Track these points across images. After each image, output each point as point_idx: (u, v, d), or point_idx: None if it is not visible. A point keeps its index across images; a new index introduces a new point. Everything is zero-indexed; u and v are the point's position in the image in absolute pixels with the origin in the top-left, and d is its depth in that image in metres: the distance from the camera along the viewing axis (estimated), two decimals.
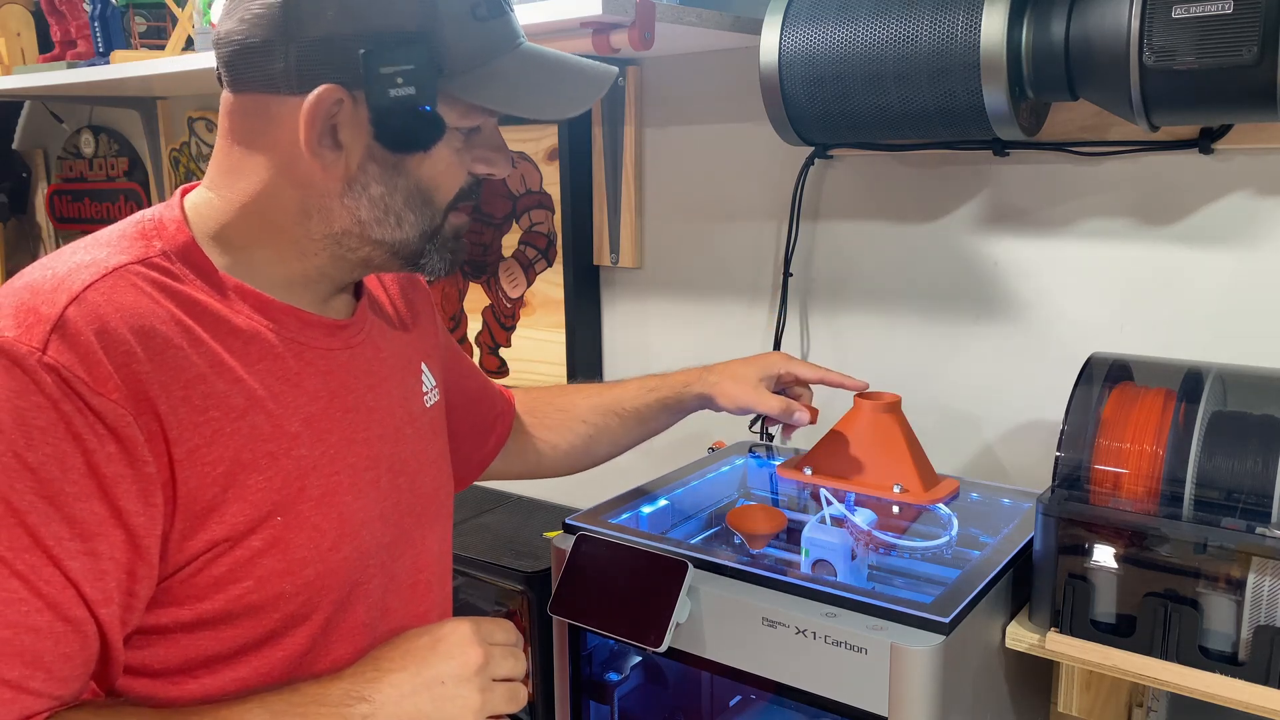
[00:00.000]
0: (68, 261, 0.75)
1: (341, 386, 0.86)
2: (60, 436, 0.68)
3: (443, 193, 0.84)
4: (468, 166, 0.84)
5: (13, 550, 0.67)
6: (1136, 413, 1.02)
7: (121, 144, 2.53)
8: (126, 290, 0.74)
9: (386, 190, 0.81)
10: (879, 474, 1.20)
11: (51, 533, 0.68)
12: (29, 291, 0.72)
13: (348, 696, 0.77)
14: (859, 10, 1.19)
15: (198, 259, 0.80)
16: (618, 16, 1.23)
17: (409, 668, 0.80)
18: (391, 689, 0.78)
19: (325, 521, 0.82)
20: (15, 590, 0.67)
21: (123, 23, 2.04)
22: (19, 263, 2.87)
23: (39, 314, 0.70)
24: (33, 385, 0.68)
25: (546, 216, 1.75)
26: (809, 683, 0.97)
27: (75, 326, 0.70)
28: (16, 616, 0.67)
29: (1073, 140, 1.27)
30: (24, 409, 0.68)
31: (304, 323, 0.84)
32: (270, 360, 0.81)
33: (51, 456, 0.68)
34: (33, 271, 0.75)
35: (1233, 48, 0.97)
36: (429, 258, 0.86)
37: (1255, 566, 0.91)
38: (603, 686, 1.19)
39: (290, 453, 0.80)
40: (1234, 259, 1.22)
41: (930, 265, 1.43)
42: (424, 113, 0.77)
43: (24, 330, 0.69)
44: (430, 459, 0.97)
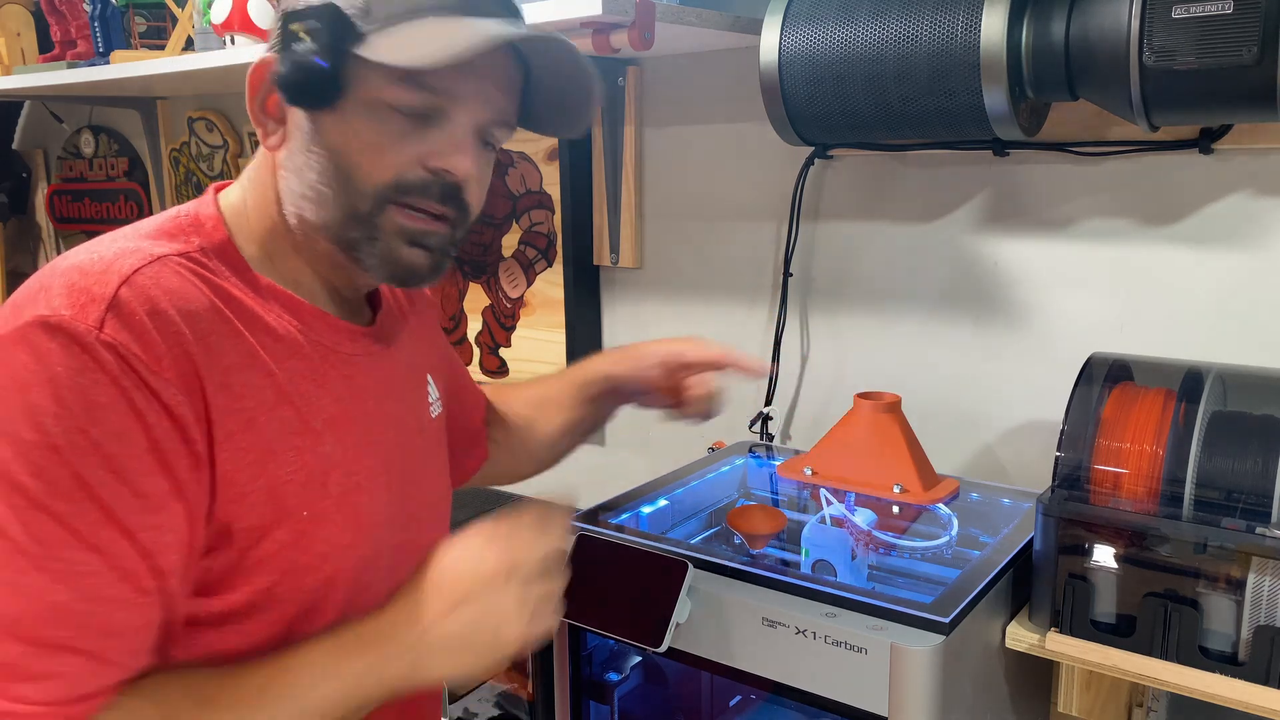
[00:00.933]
0: (111, 248, 0.76)
1: (361, 391, 0.87)
2: (123, 412, 0.69)
3: (366, 173, 0.79)
4: (418, 156, 0.80)
5: (87, 524, 0.68)
6: (1136, 413, 1.02)
7: (121, 144, 2.53)
8: (172, 276, 0.75)
9: (305, 159, 0.80)
10: (879, 474, 1.20)
11: (123, 506, 0.69)
12: (78, 273, 0.72)
13: (396, 625, 0.80)
14: (859, 10, 1.19)
15: (233, 257, 0.81)
16: (618, 16, 1.23)
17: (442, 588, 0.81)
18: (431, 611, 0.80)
19: (345, 519, 0.83)
20: (91, 564, 0.68)
21: (123, 23, 2.04)
22: (19, 263, 2.87)
23: (92, 294, 0.71)
24: (93, 363, 0.69)
25: (546, 216, 1.75)
26: (809, 683, 0.97)
27: (129, 306, 0.71)
28: (94, 589, 0.69)
29: (1073, 140, 1.27)
30: (86, 386, 0.68)
31: (330, 326, 0.85)
32: (298, 359, 0.81)
33: (116, 432, 0.69)
34: (76, 255, 0.75)
35: (1233, 48, 0.97)
36: (362, 252, 0.81)
37: (1255, 566, 0.91)
38: (603, 686, 1.19)
39: (315, 449, 0.81)
40: (1234, 259, 1.22)
41: (930, 265, 1.43)
42: (318, 65, 0.76)
43: (79, 310, 0.70)
44: (434, 469, 0.98)
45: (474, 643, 0.80)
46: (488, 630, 0.80)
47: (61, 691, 0.68)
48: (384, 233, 0.81)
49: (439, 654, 0.80)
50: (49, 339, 0.69)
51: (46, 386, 0.68)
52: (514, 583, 0.81)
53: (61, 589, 0.68)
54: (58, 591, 0.68)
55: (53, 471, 0.67)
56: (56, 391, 0.68)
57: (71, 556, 0.68)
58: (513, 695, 1.56)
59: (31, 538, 0.67)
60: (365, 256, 0.82)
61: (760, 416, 1.54)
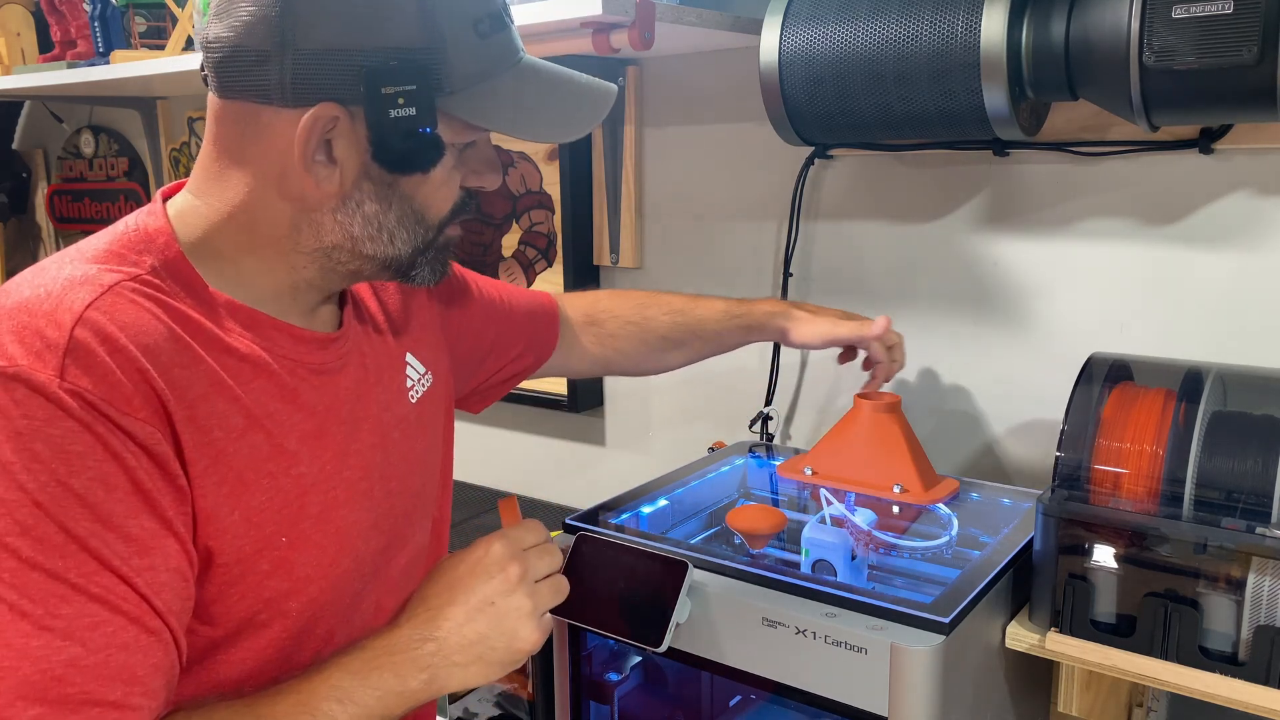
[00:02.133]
0: (57, 278, 0.72)
1: (334, 400, 0.85)
2: (100, 458, 0.67)
3: (436, 210, 0.83)
4: (459, 181, 0.84)
5: (83, 575, 0.66)
6: (1136, 413, 1.02)
7: (121, 144, 2.53)
8: (127, 306, 0.72)
9: (381, 208, 0.80)
10: (879, 474, 1.20)
11: (115, 553, 0.67)
12: (26, 314, 0.69)
13: (412, 640, 0.80)
14: (859, 10, 1.19)
15: (187, 275, 0.77)
16: (618, 16, 1.23)
17: (457, 599, 0.82)
18: (448, 621, 0.81)
19: (325, 539, 0.82)
20: (96, 613, 0.67)
21: (123, 23, 2.04)
22: (19, 263, 2.86)
23: (46, 339, 0.68)
24: (61, 412, 0.66)
25: (546, 216, 1.75)
26: (809, 683, 0.97)
27: (87, 347, 0.68)
28: (104, 638, 0.67)
29: (1073, 140, 1.27)
30: (57, 436, 0.66)
31: (295, 339, 0.83)
32: (264, 378, 0.79)
33: (95, 479, 0.67)
34: (20, 290, 0.71)
35: (1233, 48, 0.97)
36: (419, 270, 0.85)
37: (1255, 566, 0.91)
38: (603, 686, 1.19)
39: (289, 471, 0.80)
40: (1234, 259, 1.22)
41: (930, 265, 1.43)
42: (424, 135, 0.76)
43: (35, 357, 0.67)
44: (418, 455, 0.96)
45: (490, 650, 0.82)
46: (503, 637, 0.82)
47: None
48: (441, 250, 0.86)
49: (457, 664, 0.80)
50: (12, 392, 0.66)
51: (16, 441, 0.66)
52: (523, 588, 0.84)
53: (72, 644, 0.66)
54: (68, 648, 0.65)
55: (40, 528, 0.65)
56: (28, 446, 0.66)
57: (75, 611, 0.66)
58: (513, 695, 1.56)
59: (30, 599, 0.65)
60: (419, 273, 0.85)
61: (760, 416, 1.54)
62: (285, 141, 0.76)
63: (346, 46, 0.73)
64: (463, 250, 1.88)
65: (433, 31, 0.75)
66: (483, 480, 1.94)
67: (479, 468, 1.93)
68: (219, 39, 0.75)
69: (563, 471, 1.88)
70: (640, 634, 1.03)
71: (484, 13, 0.77)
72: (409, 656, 0.79)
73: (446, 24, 0.75)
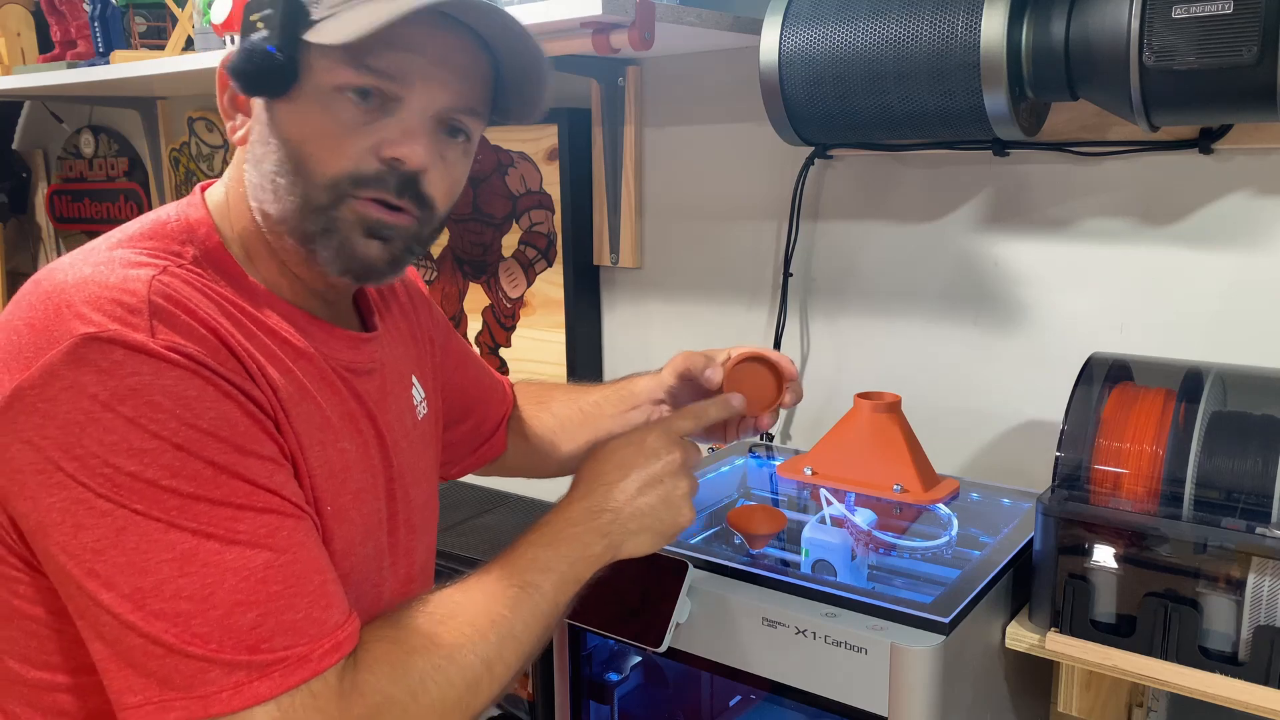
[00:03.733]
0: (112, 258, 0.74)
1: (360, 397, 0.87)
2: (214, 399, 0.70)
3: (320, 162, 0.77)
4: (373, 146, 0.77)
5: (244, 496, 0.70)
6: (1136, 413, 1.02)
7: (121, 144, 2.53)
8: (181, 285, 0.74)
9: (263, 151, 0.80)
10: (879, 474, 1.20)
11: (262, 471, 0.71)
12: (95, 286, 0.70)
13: (591, 512, 0.88)
14: (859, 10, 1.19)
15: (227, 264, 0.80)
16: (618, 16, 1.23)
17: (630, 474, 0.90)
18: (621, 494, 0.89)
19: (360, 517, 0.84)
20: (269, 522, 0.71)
21: (123, 23, 2.04)
22: (19, 263, 2.86)
23: (126, 305, 0.69)
24: (165, 364, 0.68)
25: (546, 216, 1.75)
26: (809, 683, 0.97)
27: (168, 310, 0.71)
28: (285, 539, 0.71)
29: (1073, 140, 1.27)
30: (169, 386, 0.68)
31: (330, 335, 0.85)
32: (307, 361, 0.81)
33: (218, 416, 0.70)
34: (77, 268, 0.72)
35: (1233, 48, 0.97)
36: (318, 245, 0.79)
37: (1255, 566, 0.91)
38: (603, 686, 1.19)
39: (336, 444, 0.82)
40: (1234, 259, 1.22)
41: (930, 265, 1.43)
42: (269, 53, 0.76)
43: (123, 322, 0.69)
44: (422, 472, 0.97)
45: (659, 521, 0.90)
46: (671, 510, 0.90)
47: (313, 629, 0.70)
48: (342, 223, 0.79)
49: (631, 531, 0.88)
50: (109, 354, 0.67)
51: (135, 396, 0.67)
52: (684, 471, 0.92)
53: (261, 550, 0.69)
54: (259, 554, 0.69)
55: (190, 467, 0.68)
56: (147, 399, 0.67)
57: (251, 524, 0.69)
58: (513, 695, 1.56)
59: (207, 524, 0.68)
60: (321, 249, 0.79)
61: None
62: None
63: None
64: (463, 250, 1.88)
65: None
66: (483, 480, 1.93)
67: None
68: None
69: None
70: (640, 634, 1.03)
71: None
72: (590, 526, 0.87)
73: None
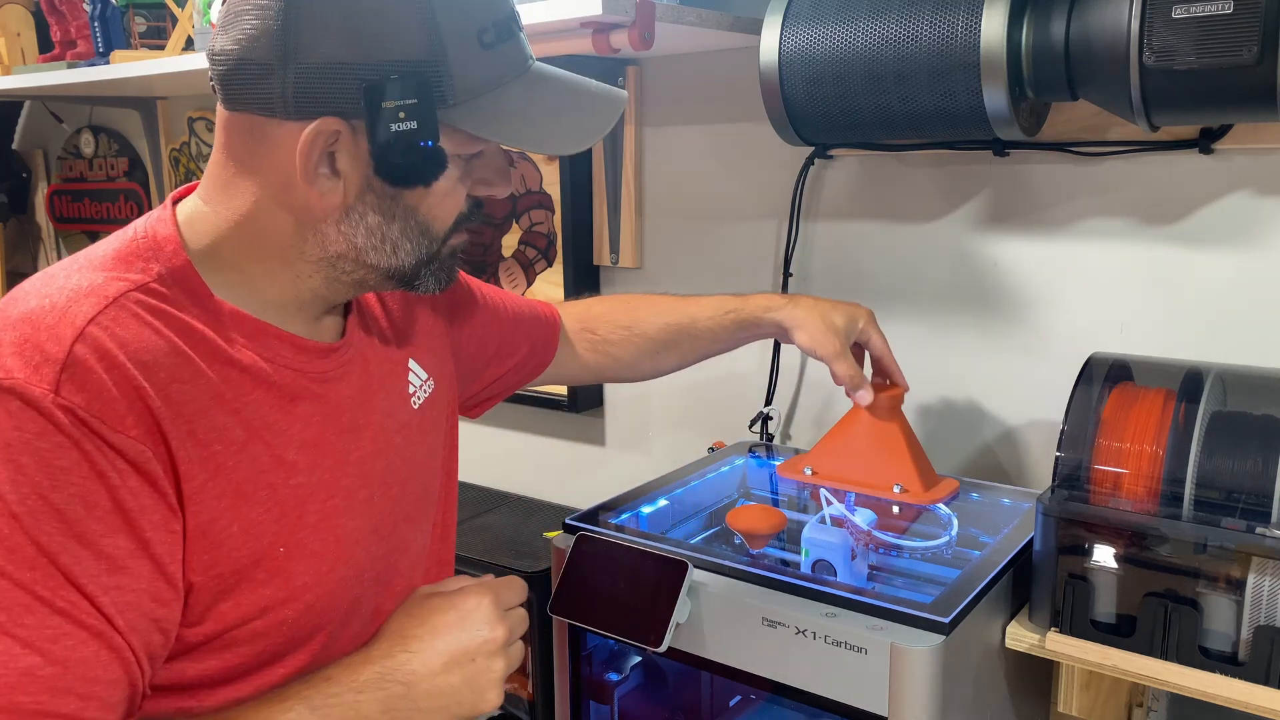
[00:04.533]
0: (64, 288, 0.73)
1: (335, 409, 0.85)
2: (84, 475, 0.68)
3: (440, 221, 0.82)
4: (466, 189, 0.83)
5: (50, 589, 0.67)
6: (1136, 413, 1.02)
7: (121, 144, 2.53)
8: (129, 321, 0.72)
9: (384, 220, 0.80)
10: (879, 474, 1.20)
11: (83, 570, 0.68)
12: (29, 326, 0.70)
13: (382, 680, 0.78)
14: (859, 10, 1.19)
15: (193, 284, 0.78)
16: (618, 16, 1.23)
17: (437, 645, 0.81)
18: (422, 667, 0.80)
19: (324, 547, 0.82)
20: (59, 626, 0.67)
21: (123, 23, 2.04)
22: (19, 263, 2.87)
23: (45, 353, 0.69)
24: (51, 427, 0.67)
25: (546, 216, 1.75)
26: (809, 683, 0.97)
27: (85, 364, 0.69)
28: (64, 651, 0.67)
29: (1073, 140, 1.27)
30: (45, 450, 0.67)
31: (297, 349, 0.83)
32: (265, 389, 0.80)
33: (77, 495, 0.68)
34: (28, 300, 0.72)
35: (1233, 48, 0.97)
36: (424, 280, 0.85)
37: (1255, 566, 0.91)
38: (603, 686, 1.19)
39: (288, 482, 0.80)
40: (1234, 259, 1.22)
41: (930, 265, 1.43)
42: (426, 148, 0.76)
43: (33, 371, 0.68)
44: (420, 460, 0.96)
45: (458, 704, 0.81)
46: (473, 694, 0.82)
47: None
48: (445, 259, 0.86)
49: (421, 710, 0.79)
50: (2, 405, 0.67)
51: (4, 452, 0.66)
52: (502, 651, 0.84)
53: (31, 654, 0.66)
54: (27, 656, 0.66)
55: (13, 539, 0.66)
56: (14, 458, 0.66)
57: (38, 621, 0.66)
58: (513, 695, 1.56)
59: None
60: (423, 283, 0.85)
61: (760, 416, 1.54)
62: (289, 154, 0.76)
63: (347, 60, 0.73)
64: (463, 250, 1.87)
65: (435, 43, 0.74)
66: (483, 480, 1.94)
67: (479, 468, 1.93)
68: (224, 51, 0.76)
69: (563, 471, 1.88)
70: (640, 634, 1.03)
71: (489, 22, 0.77)
72: (375, 696, 0.77)
73: (449, 35, 0.75)
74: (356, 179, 0.78)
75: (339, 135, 0.75)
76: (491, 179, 0.84)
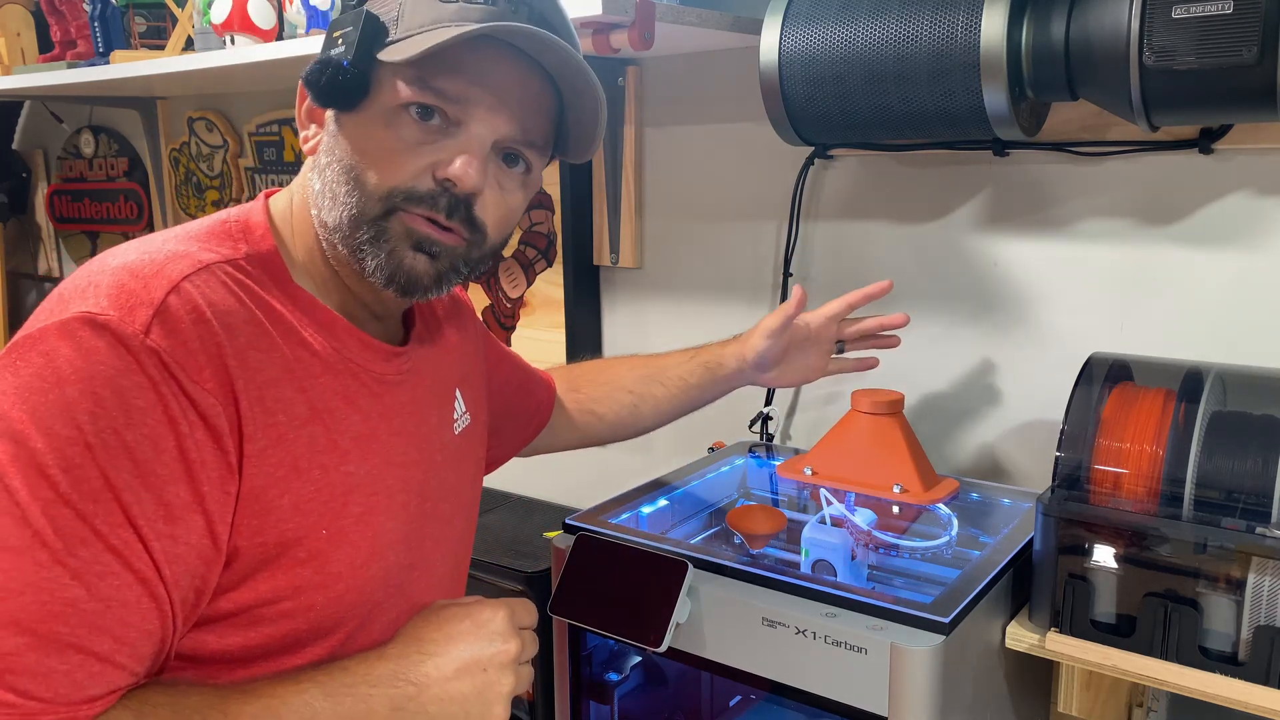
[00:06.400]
0: (162, 249, 0.77)
1: (390, 410, 0.87)
2: (158, 418, 0.70)
3: (378, 174, 0.79)
4: (430, 166, 0.80)
5: (109, 525, 0.68)
6: (1136, 413, 1.02)
7: (121, 144, 2.53)
8: (218, 286, 0.76)
9: (327, 161, 0.82)
10: (879, 474, 1.20)
11: (143, 512, 0.69)
12: (128, 274, 0.73)
13: (395, 678, 0.79)
14: (859, 10, 1.19)
15: (276, 267, 0.82)
16: (618, 16, 1.23)
17: (451, 652, 0.82)
18: (435, 671, 0.80)
19: (362, 540, 0.83)
20: (109, 564, 0.68)
21: (123, 23, 2.04)
22: (19, 263, 2.87)
23: (140, 297, 0.71)
24: (136, 365, 0.69)
25: (546, 216, 1.75)
26: (809, 683, 0.97)
27: (176, 313, 0.72)
28: (110, 590, 0.68)
29: (1073, 140, 1.27)
30: (126, 388, 0.69)
31: (363, 344, 0.86)
32: (330, 376, 0.82)
33: (148, 437, 0.69)
34: (127, 254, 0.76)
35: (1233, 48, 0.97)
36: (366, 254, 0.81)
37: (1255, 566, 0.91)
38: (603, 686, 1.19)
39: (340, 468, 0.81)
40: (1234, 259, 1.22)
41: (930, 265, 1.43)
42: (344, 68, 0.78)
43: (127, 311, 0.70)
44: (454, 485, 0.98)
45: (465, 712, 0.81)
46: (481, 705, 0.82)
47: (66, 689, 0.67)
48: (390, 234, 0.80)
49: (429, 715, 0.79)
50: (95, 337, 0.69)
51: (86, 383, 0.68)
52: (513, 666, 0.84)
53: (78, 586, 0.67)
54: (74, 588, 0.67)
55: (83, 469, 0.67)
56: (96, 390, 0.68)
57: (91, 555, 0.68)
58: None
59: (55, 531, 0.67)
60: (369, 259, 0.81)
61: (760, 416, 1.54)
62: None
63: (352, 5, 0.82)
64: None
65: None
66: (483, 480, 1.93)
67: None
68: None
69: (563, 471, 1.88)
70: (640, 634, 1.03)
71: None
72: (386, 692, 0.78)
73: None
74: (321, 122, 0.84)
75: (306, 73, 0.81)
76: (452, 160, 0.79)
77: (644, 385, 1.27)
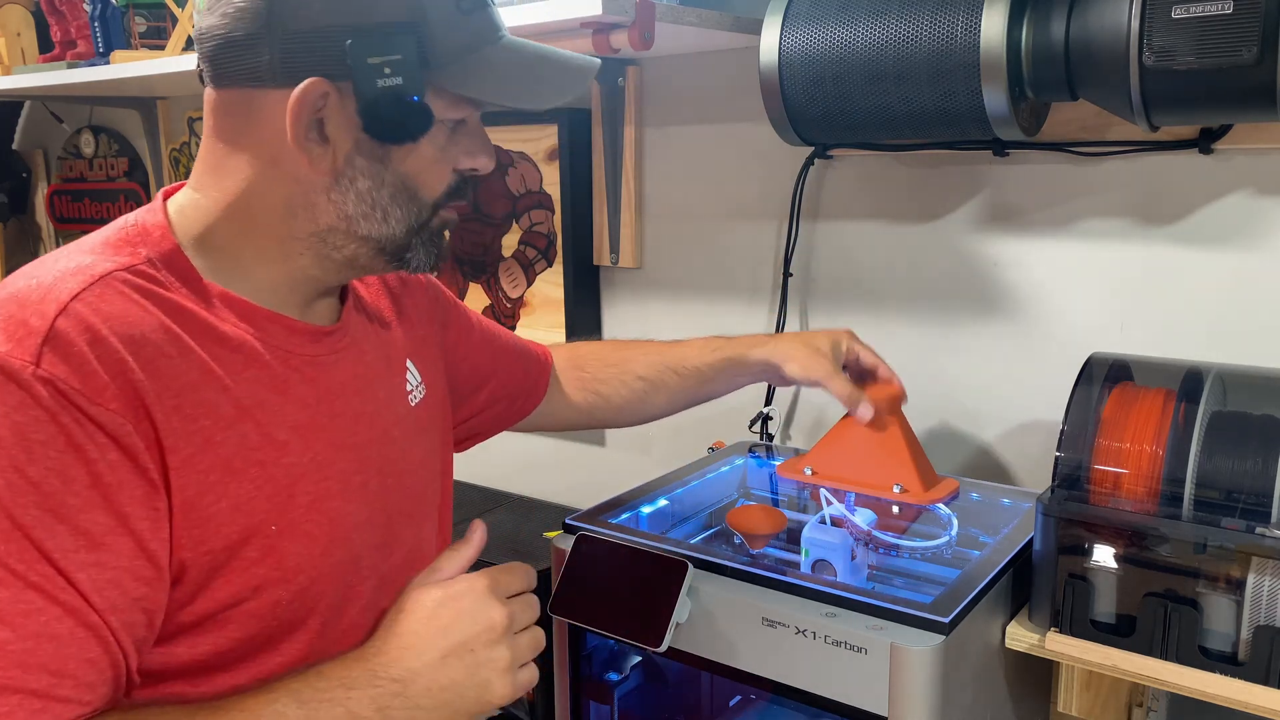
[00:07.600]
0: (52, 270, 0.74)
1: (328, 393, 0.86)
2: (61, 449, 0.68)
3: (429, 188, 0.84)
4: (452, 162, 0.85)
5: (23, 563, 0.67)
6: (1136, 413, 1.02)
7: (121, 144, 2.53)
8: (114, 298, 0.73)
9: (374, 184, 0.81)
10: (879, 474, 1.20)
11: (58, 546, 0.68)
12: (15, 304, 0.71)
13: (374, 678, 0.76)
14: (859, 10, 1.19)
15: (182, 266, 0.79)
16: (618, 16, 1.23)
17: (432, 639, 0.79)
18: (417, 662, 0.78)
19: (317, 529, 0.82)
20: (32, 601, 0.67)
21: (123, 23, 2.04)
22: (19, 263, 2.85)
23: (28, 326, 0.69)
24: (29, 399, 0.67)
25: (546, 216, 1.75)
26: (809, 683, 0.97)
27: (67, 337, 0.69)
28: (37, 627, 0.67)
29: (1073, 140, 1.27)
30: (22, 423, 0.67)
31: (289, 330, 0.84)
32: (257, 368, 0.80)
33: (53, 469, 0.68)
34: (16, 281, 0.74)
35: (1233, 48, 0.97)
36: (414, 253, 0.86)
37: (1255, 566, 0.91)
38: (603, 686, 1.19)
39: (279, 461, 0.80)
40: (1234, 259, 1.22)
41: (930, 265, 1.43)
42: (412, 103, 0.78)
43: (15, 344, 0.69)
44: (419, 458, 0.96)
45: (459, 698, 0.78)
46: (476, 687, 0.79)
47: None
48: (438, 233, 0.87)
49: (420, 708, 0.77)
50: None
51: None
52: (506, 639, 0.81)
53: (2, 628, 0.66)
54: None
55: None
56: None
57: (11, 596, 0.66)
58: None
59: None
60: (413, 257, 0.86)
61: (760, 416, 1.54)
62: (279, 122, 0.77)
63: (333, 24, 0.76)
64: (463, 250, 1.88)
65: (416, 7, 0.77)
66: (483, 480, 1.94)
67: (479, 467, 1.93)
68: (210, 29, 0.78)
69: (563, 471, 1.88)
70: (640, 634, 1.03)
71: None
72: (367, 694, 0.75)
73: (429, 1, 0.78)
74: (346, 143, 0.79)
75: (327, 97, 0.77)
76: (474, 150, 0.86)
77: (658, 373, 1.24)
